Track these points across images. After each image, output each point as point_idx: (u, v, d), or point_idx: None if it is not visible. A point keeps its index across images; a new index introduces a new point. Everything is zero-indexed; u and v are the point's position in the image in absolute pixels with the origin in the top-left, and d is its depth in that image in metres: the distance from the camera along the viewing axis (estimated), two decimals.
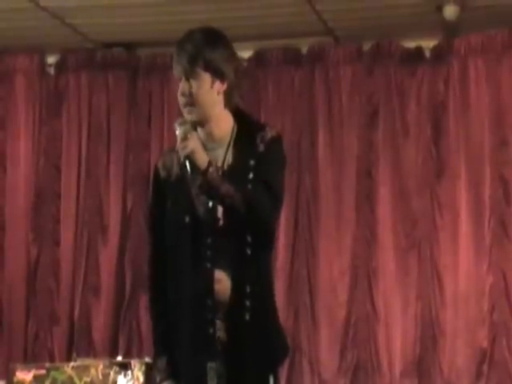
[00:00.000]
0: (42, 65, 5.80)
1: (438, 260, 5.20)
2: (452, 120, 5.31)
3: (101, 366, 4.70)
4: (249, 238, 2.60)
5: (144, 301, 5.53)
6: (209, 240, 2.60)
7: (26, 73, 5.78)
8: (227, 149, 2.64)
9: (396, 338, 5.19)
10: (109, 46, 5.74)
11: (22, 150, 5.75)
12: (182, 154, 2.59)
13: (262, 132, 2.67)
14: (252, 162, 2.62)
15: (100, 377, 4.68)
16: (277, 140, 2.69)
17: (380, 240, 5.30)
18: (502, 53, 5.28)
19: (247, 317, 2.57)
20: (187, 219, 2.63)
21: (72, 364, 4.82)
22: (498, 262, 5.11)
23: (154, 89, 5.72)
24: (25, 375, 4.73)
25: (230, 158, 2.63)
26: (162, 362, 2.73)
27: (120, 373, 4.66)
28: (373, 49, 5.47)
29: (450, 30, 5.31)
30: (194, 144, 2.57)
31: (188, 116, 2.61)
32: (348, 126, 5.46)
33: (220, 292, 2.59)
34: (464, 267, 5.15)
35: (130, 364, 4.68)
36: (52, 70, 5.80)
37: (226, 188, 2.55)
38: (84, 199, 5.67)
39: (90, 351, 5.39)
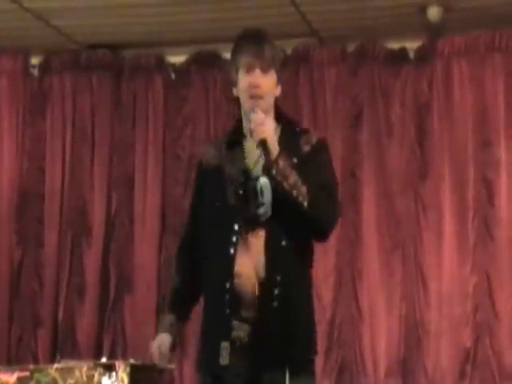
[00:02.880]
0: (26, 66, 5.78)
1: (422, 260, 5.21)
2: (436, 121, 5.33)
3: (85, 368, 4.68)
4: (285, 230, 2.64)
5: (128, 302, 5.53)
6: (236, 227, 2.66)
7: (10, 74, 5.76)
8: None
9: (380, 338, 5.20)
10: (93, 47, 5.73)
11: (6, 152, 5.73)
12: (256, 138, 2.65)
13: (306, 135, 2.78)
14: (295, 161, 2.67)
15: (84, 378, 4.66)
16: (323, 143, 2.80)
17: (364, 240, 5.31)
18: (485, 54, 5.31)
19: (275, 304, 2.61)
20: (218, 204, 2.71)
21: (56, 366, 4.79)
22: (481, 263, 5.13)
23: (138, 90, 5.71)
24: (8, 377, 4.70)
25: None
26: (165, 319, 2.83)
27: (104, 374, 4.64)
28: (357, 50, 5.48)
29: (434, 32, 5.33)
30: (268, 130, 2.65)
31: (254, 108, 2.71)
32: (332, 126, 5.47)
33: (243, 276, 2.64)
34: (448, 268, 5.17)
35: (114, 365, 4.66)
36: (36, 72, 5.79)
37: (295, 178, 2.61)
38: (68, 201, 5.66)
39: (74, 353, 5.38)
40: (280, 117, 2.79)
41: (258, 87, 2.72)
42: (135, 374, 4.68)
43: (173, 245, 5.57)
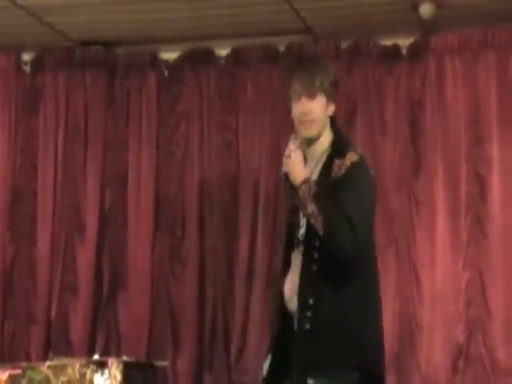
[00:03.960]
0: (19, 63, 5.77)
1: (416, 257, 5.22)
2: (429, 118, 5.33)
3: (77, 365, 4.68)
4: (316, 255, 2.88)
5: (122, 299, 5.53)
6: (290, 250, 3.00)
7: (2, 71, 5.75)
8: (315, 167, 3.00)
9: None
10: (87, 44, 5.72)
11: None
12: (282, 169, 3.00)
13: (343, 158, 2.95)
14: (327, 184, 2.90)
15: (77, 376, 4.65)
16: (356, 166, 2.95)
17: None
18: (477, 51, 5.31)
19: (307, 326, 2.83)
20: (285, 228, 3.11)
21: (48, 363, 4.78)
22: (474, 259, 5.14)
23: (131, 87, 5.71)
24: (0, 375, 4.70)
25: (315, 177, 2.96)
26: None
27: (97, 371, 4.64)
28: (351, 47, 5.48)
29: (427, 29, 5.34)
30: (292, 163, 2.93)
31: (305, 132, 3.00)
32: None
33: (289, 299, 2.94)
34: (441, 264, 5.17)
35: (107, 362, 4.66)
36: (28, 68, 5.78)
37: (312, 208, 2.86)
38: (61, 198, 5.65)
39: (67, 351, 5.37)
40: (333, 136, 3.00)
41: (306, 114, 2.99)
42: (128, 371, 4.68)
43: (166, 242, 5.58)
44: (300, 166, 2.93)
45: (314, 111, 2.98)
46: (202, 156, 5.60)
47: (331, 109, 3.04)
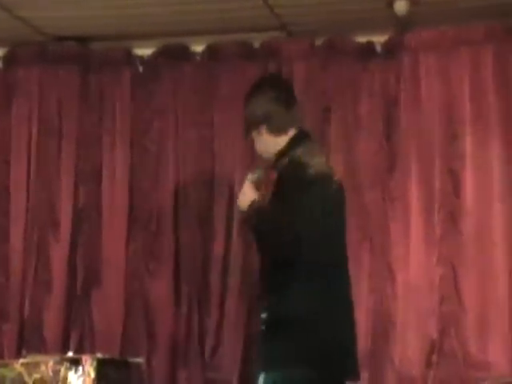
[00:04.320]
0: None
1: (390, 252, 5.24)
2: (403, 114, 5.35)
3: (51, 363, 4.64)
4: (266, 259, 3.10)
5: (96, 296, 5.50)
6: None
7: None
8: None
9: None
10: (60, 39, 5.68)
11: None
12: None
13: (279, 163, 3.17)
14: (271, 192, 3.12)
15: (50, 373, 4.62)
16: (285, 169, 3.15)
17: None
18: (452, 48, 5.34)
19: (263, 327, 3.03)
20: None
21: (21, 361, 4.75)
22: (447, 255, 5.17)
23: (106, 83, 5.68)
24: None
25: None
26: None
27: (71, 369, 4.61)
28: (326, 44, 5.49)
29: (401, 25, 5.36)
30: (244, 200, 3.20)
31: (262, 161, 3.26)
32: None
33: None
34: (415, 259, 5.20)
35: (81, 360, 4.63)
36: (1, 64, 5.73)
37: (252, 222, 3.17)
38: (34, 195, 5.61)
39: (41, 348, 5.34)
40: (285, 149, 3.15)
41: (256, 150, 3.24)
42: (102, 369, 4.66)
43: (141, 239, 5.56)
44: (247, 196, 3.14)
45: (258, 147, 3.20)
46: (176, 152, 5.59)
47: (278, 128, 3.13)
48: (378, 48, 5.43)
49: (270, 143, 3.09)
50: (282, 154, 3.13)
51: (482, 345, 5.01)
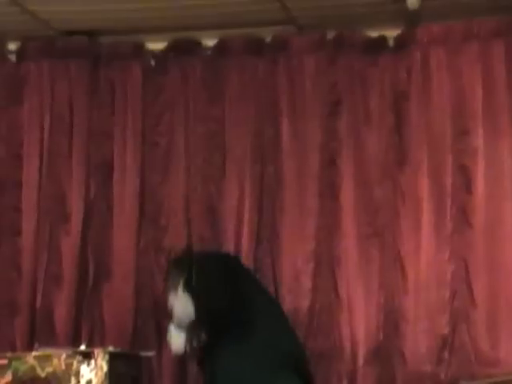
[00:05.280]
0: (3, 52, 5.73)
1: (400, 248, 5.24)
2: (414, 109, 5.35)
3: (63, 356, 4.67)
4: None
5: (106, 289, 5.52)
6: None
7: None
8: None
9: (359, 326, 5.22)
10: (70, 33, 5.68)
11: None
12: None
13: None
14: None
15: (63, 366, 4.65)
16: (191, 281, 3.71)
17: (343, 228, 5.33)
18: (462, 43, 5.33)
19: None
20: None
21: (34, 353, 4.78)
22: (458, 250, 5.17)
23: (116, 77, 5.68)
24: None
25: None
26: None
27: (83, 362, 4.63)
28: (336, 38, 5.49)
29: (412, 20, 5.35)
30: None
31: None
32: (311, 115, 5.48)
33: None
34: (425, 255, 5.20)
35: (93, 353, 4.66)
36: (13, 57, 5.74)
37: None
38: (46, 188, 5.63)
39: (52, 341, 5.35)
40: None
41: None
42: (114, 362, 4.68)
43: (151, 232, 5.58)
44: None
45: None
46: (186, 146, 5.59)
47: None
48: (390, 42, 5.42)
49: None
50: None
51: (494, 341, 5.02)
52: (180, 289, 3.41)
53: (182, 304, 3.39)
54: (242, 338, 3.24)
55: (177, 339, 3.29)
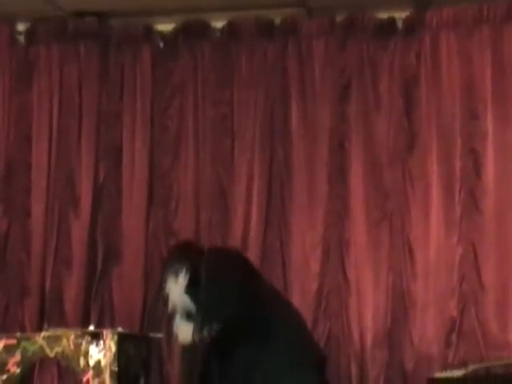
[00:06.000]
0: (12, 34, 5.73)
1: (409, 232, 5.23)
2: (423, 93, 5.33)
3: (72, 336, 4.68)
4: None
5: (116, 272, 5.53)
6: None
7: None
8: None
9: (367, 309, 5.23)
10: (80, 15, 5.67)
11: None
12: None
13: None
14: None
15: (72, 347, 4.66)
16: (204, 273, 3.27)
17: (352, 212, 5.32)
18: (472, 27, 5.30)
19: None
20: None
21: (43, 334, 4.79)
22: (467, 234, 5.15)
23: (126, 60, 5.68)
24: None
25: None
26: None
27: (92, 343, 4.65)
28: (346, 21, 5.46)
29: (423, 3, 5.32)
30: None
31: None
32: (321, 98, 5.47)
33: None
34: (434, 239, 5.19)
35: (102, 334, 4.67)
36: (22, 39, 5.74)
37: None
38: (55, 171, 5.64)
39: (61, 323, 5.36)
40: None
41: None
42: (123, 343, 4.69)
43: (160, 216, 5.58)
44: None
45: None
46: (196, 130, 5.59)
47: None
48: (399, 25, 5.40)
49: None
50: None
51: (502, 324, 5.01)
52: (181, 278, 3.26)
53: (183, 297, 3.27)
54: (267, 338, 3.14)
55: (184, 329, 3.10)
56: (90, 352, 4.61)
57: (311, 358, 3.16)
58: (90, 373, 4.60)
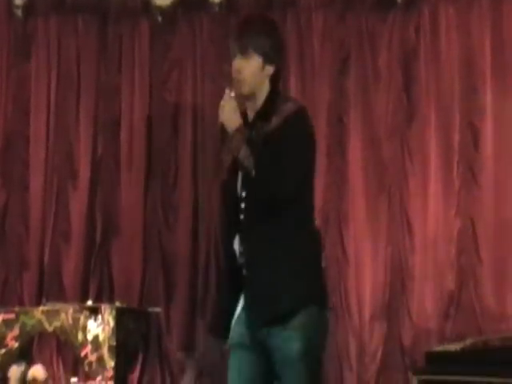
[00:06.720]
0: (10, 7, 5.70)
1: (408, 205, 5.23)
2: (422, 67, 5.30)
3: (71, 311, 4.71)
4: (252, 205, 2.86)
5: (115, 245, 5.55)
6: (236, 210, 2.92)
7: None
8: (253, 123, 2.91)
9: (366, 282, 5.24)
10: None
11: None
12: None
13: (276, 111, 2.89)
14: (262, 135, 2.86)
15: (70, 321, 4.69)
16: (294, 116, 2.88)
17: (351, 185, 5.32)
18: (471, 1, 5.26)
19: (244, 272, 2.86)
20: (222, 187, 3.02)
21: (42, 308, 4.81)
22: (465, 207, 5.16)
23: (124, 34, 5.65)
24: None
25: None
26: None
27: (90, 317, 4.67)
28: None
29: None
30: (226, 112, 2.88)
31: (236, 90, 2.90)
32: (319, 72, 5.44)
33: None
34: (433, 212, 5.19)
35: (100, 308, 4.69)
36: (20, 12, 5.71)
37: (245, 152, 2.83)
38: (54, 144, 5.63)
39: (60, 297, 5.39)
40: (270, 94, 2.94)
41: (236, 72, 2.88)
42: (121, 317, 4.72)
43: (158, 190, 5.58)
44: (233, 115, 2.88)
45: (243, 71, 2.90)
46: (194, 103, 5.57)
47: (269, 70, 2.92)
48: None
49: (258, 76, 2.96)
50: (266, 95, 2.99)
51: (500, 297, 5.02)
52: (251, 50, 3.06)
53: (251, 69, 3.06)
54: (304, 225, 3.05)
55: (229, 110, 3.02)
56: (89, 326, 4.64)
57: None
58: (89, 347, 4.63)
